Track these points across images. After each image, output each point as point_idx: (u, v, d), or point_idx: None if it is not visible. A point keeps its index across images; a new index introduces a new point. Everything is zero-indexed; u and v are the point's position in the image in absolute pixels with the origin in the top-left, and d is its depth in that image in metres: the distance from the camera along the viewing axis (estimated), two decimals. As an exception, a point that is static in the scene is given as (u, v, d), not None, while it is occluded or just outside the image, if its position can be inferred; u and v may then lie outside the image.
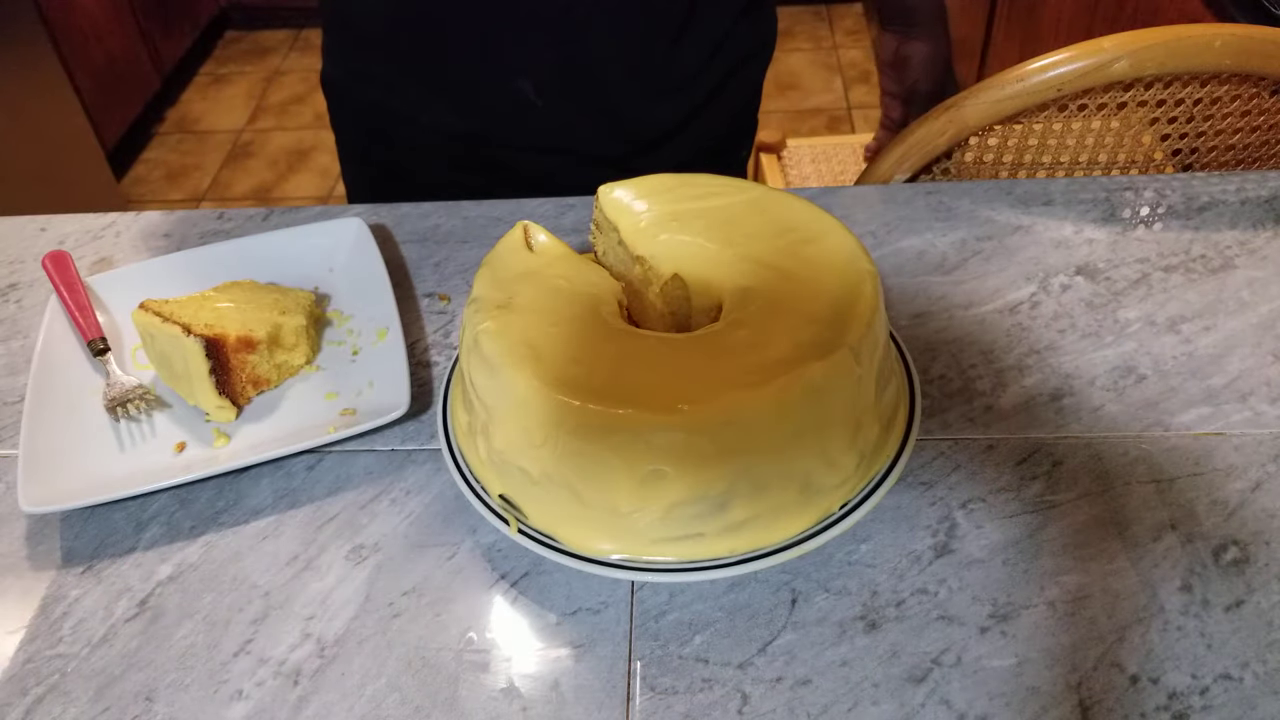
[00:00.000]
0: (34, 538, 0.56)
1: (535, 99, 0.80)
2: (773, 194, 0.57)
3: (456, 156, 0.86)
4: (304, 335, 0.64)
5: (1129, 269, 0.67)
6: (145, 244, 0.76)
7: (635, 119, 0.84)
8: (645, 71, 0.80)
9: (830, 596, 0.50)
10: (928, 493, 0.54)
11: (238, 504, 0.57)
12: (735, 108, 0.90)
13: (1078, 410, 0.58)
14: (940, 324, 0.64)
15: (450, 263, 0.72)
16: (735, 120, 0.92)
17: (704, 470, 0.46)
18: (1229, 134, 0.81)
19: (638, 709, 0.47)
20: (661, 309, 0.56)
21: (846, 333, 0.48)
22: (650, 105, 0.83)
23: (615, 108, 0.82)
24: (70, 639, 0.51)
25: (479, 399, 0.51)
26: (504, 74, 0.79)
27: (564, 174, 0.80)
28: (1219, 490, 0.53)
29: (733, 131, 0.93)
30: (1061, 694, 0.46)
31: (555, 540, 0.50)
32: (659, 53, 0.79)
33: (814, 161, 1.62)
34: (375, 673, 0.49)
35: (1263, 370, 0.59)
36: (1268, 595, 0.49)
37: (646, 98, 0.82)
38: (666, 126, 0.85)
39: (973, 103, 0.76)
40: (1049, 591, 0.49)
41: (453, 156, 0.87)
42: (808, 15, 3.15)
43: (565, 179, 0.78)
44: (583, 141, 0.84)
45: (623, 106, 0.82)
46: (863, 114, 2.70)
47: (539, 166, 0.86)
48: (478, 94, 0.81)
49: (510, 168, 0.86)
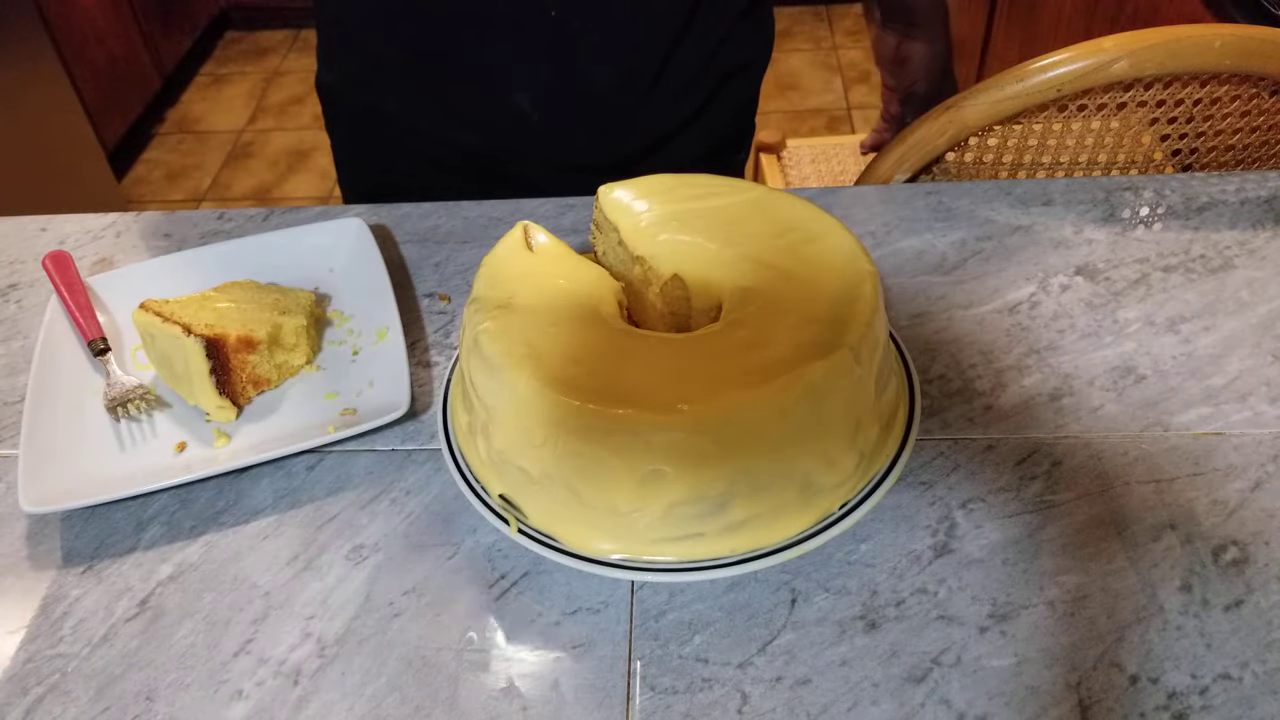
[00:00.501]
0: (34, 538, 0.56)
1: (532, 112, 0.80)
2: (773, 194, 0.57)
3: (453, 165, 0.86)
4: (304, 335, 0.64)
5: (1129, 269, 0.67)
6: (145, 244, 0.76)
7: (631, 127, 0.83)
8: (642, 80, 0.80)
9: (830, 596, 0.50)
10: (927, 493, 0.54)
11: (238, 504, 0.57)
12: (732, 112, 0.90)
13: (1077, 410, 0.58)
14: (940, 324, 0.64)
15: (450, 263, 0.72)
16: (733, 124, 0.92)
17: (704, 470, 0.46)
18: (1229, 134, 0.81)
19: (638, 709, 0.47)
20: (661, 309, 0.56)
21: (846, 333, 0.48)
22: (647, 113, 0.83)
23: (612, 117, 0.82)
24: (70, 639, 0.51)
25: (479, 399, 0.51)
26: (501, 88, 0.79)
27: (561, 182, 0.80)
28: (1218, 490, 0.53)
29: (731, 135, 0.93)
30: (1061, 694, 0.46)
31: (555, 540, 0.50)
32: (655, 61, 0.79)
33: (814, 161, 1.62)
34: (375, 673, 0.49)
35: (1262, 370, 0.59)
36: (1267, 595, 0.49)
37: (643, 106, 0.82)
38: (663, 132, 0.85)
39: (973, 103, 0.76)
40: (1048, 591, 0.49)
41: (449, 165, 0.87)
42: (808, 15, 3.15)
43: (562, 187, 0.78)
44: (580, 152, 0.84)
45: (619, 116, 0.82)
46: (863, 114, 2.70)
47: (536, 175, 0.86)
48: (475, 107, 0.81)
49: (507, 176, 0.86)
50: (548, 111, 0.80)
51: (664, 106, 0.83)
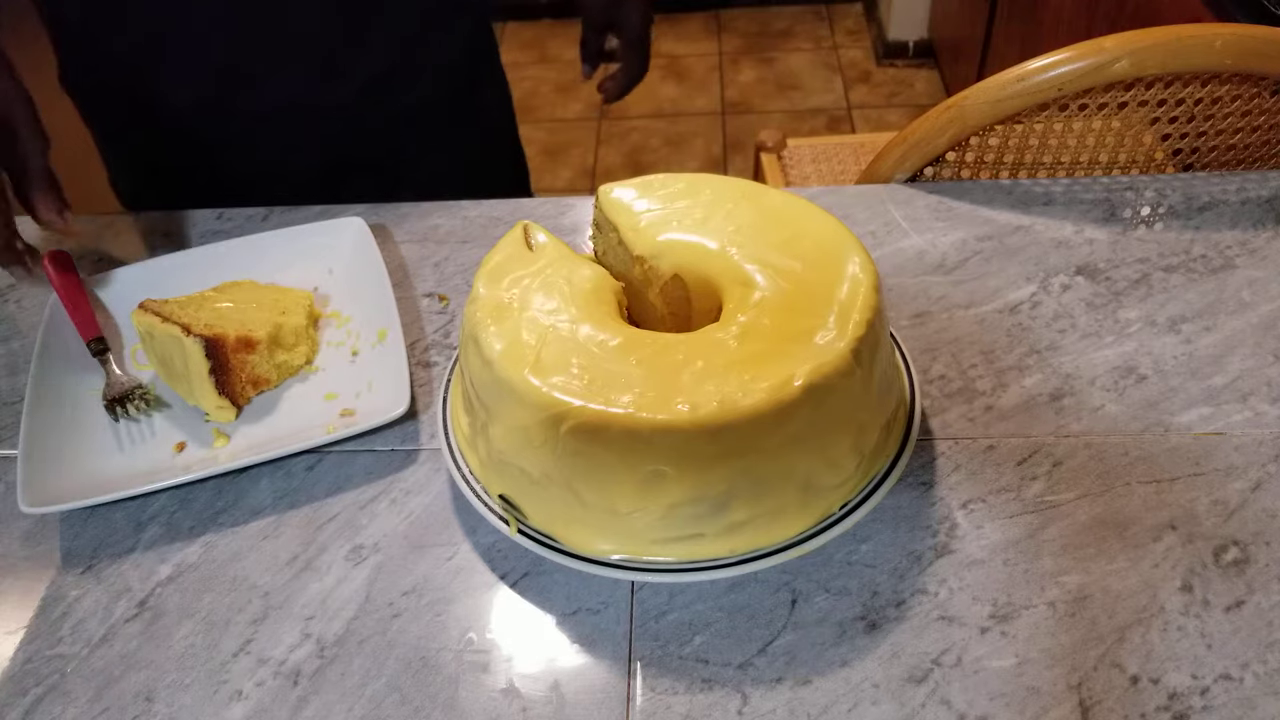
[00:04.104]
0: (34, 538, 0.56)
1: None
2: (772, 194, 0.57)
3: (205, 135, 0.84)
4: (304, 335, 0.64)
5: (1129, 269, 0.67)
6: (145, 244, 0.76)
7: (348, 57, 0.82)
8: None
9: (830, 597, 0.50)
10: (928, 493, 0.54)
11: (237, 504, 0.57)
12: (464, 36, 0.90)
13: (1078, 410, 0.58)
14: (940, 324, 0.64)
15: (450, 263, 0.72)
16: (467, 61, 0.91)
17: (704, 470, 0.46)
18: (1229, 134, 0.81)
19: (638, 709, 0.47)
20: (661, 309, 0.56)
21: (847, 333, 0.48)
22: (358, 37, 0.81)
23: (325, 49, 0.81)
24: (70, 639, 0.51)
25: (479, 399, 0.51)
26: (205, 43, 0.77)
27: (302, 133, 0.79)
28: (1219, 490, 0.53)
29: (469, 72, 0.92)
30: (1062, 694, 0.46)
31: (555, 540, 0.50)
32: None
33: (814, 161, 1.62)
34: (375, 673, 0.49)
35: (1263, 370, 0.59)
36: (1268, 595, 0.49)
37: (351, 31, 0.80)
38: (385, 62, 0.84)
39: (973, 103, 0.76)
40: (1049, 592, 0.49)
41: (201, 135, 0.85)
42: (808, 15, 3.15)
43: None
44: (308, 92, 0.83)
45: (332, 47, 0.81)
46: (862, 114, 2.70)
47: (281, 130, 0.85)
48: (201, 63, 0.79)
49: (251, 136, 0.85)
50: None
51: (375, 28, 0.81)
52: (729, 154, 2.61)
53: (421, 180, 0.92)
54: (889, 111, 2.71)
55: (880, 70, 2.86)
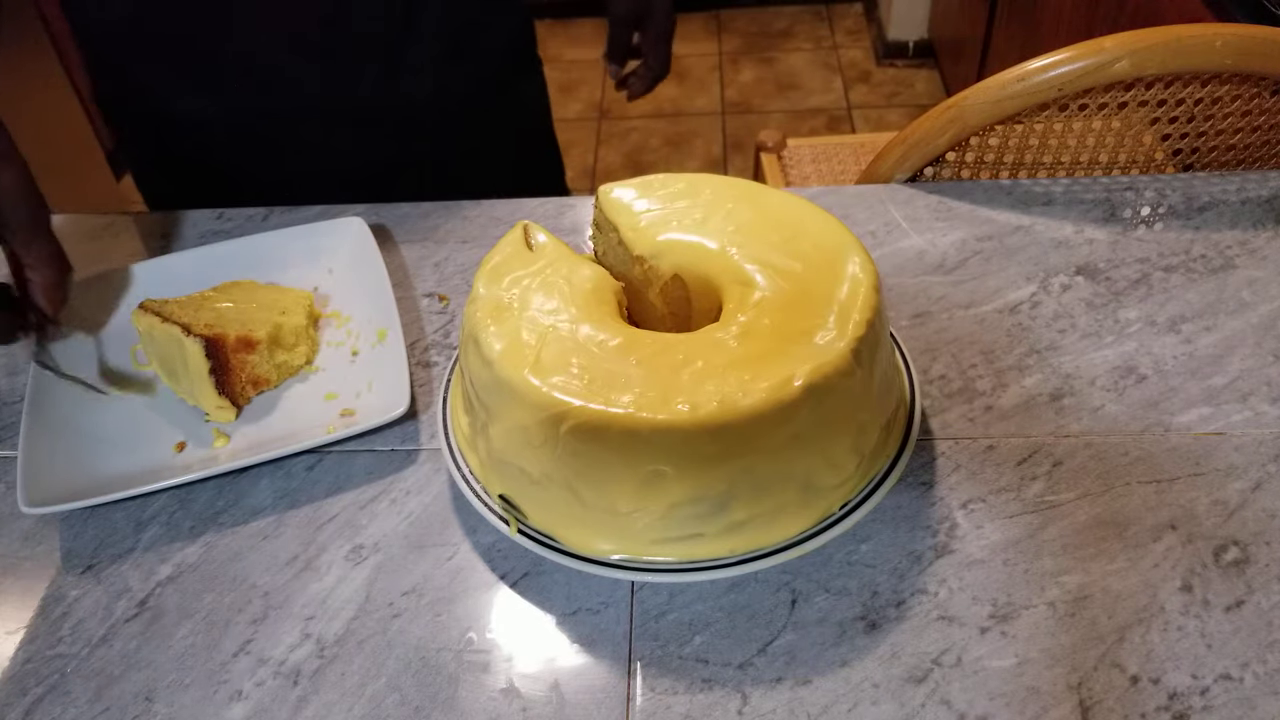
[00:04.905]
0: (34, 538, 0.56)
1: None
2: (772, 193, 0.57)
3: (246, 142, 0.85)
4: (304, 335, 0.64)
5: (1129, 269, 0.67)
6: (145, 244, 0.76)
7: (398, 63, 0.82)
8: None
9: (830, 596, 0.50)
10: (928, 493, 0.54)
11: (237, 504, 0.57)
12: (508, 35, 0.91)
13: (1078, 410, 0.58)
14: (940, 324, 0.64)
15: (450, 263, 0.72)
16: (511, 51, 0.92)
17: (704, 470, 0.46)
18: (1230, 134, 0.81)
19: (638, 709, 0.47)
20: (661, 309, 0.56)
21: (847, 333, 0.48)
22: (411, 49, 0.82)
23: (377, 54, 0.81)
24: (70, 639, 0.51)
25: (479, 399, 0.51)
26: (266, 45, 0.78)
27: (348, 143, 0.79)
28: (1219, 490, 0.53)
29: (514, 60, 0.93)
30: (1062, 694, 0.46)
31: (555, 540, 0.50)
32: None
33: (814, 161, 1.62)
34: (375, 673, 0.49)
35: (1263, 370, 0.59)
36: (1268, 595, 0.49)
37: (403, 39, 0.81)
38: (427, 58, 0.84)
39: (973, 103, 0.76)
40: (1049, 592, 0.49)
41: (240, 143, 0.85)
42: (808, 15, 3.16)
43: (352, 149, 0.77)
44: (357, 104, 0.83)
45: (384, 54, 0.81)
46: (863, 114, 2.70)
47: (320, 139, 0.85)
48: (249, 75, 0.79)
49: (297, 145, 0.85)
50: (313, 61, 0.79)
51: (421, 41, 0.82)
52: (729, 154, 2.61)
53: (466, 178, 0.92)
54: (889, 111, 2.71)
55: (880, 70, 2.87)
